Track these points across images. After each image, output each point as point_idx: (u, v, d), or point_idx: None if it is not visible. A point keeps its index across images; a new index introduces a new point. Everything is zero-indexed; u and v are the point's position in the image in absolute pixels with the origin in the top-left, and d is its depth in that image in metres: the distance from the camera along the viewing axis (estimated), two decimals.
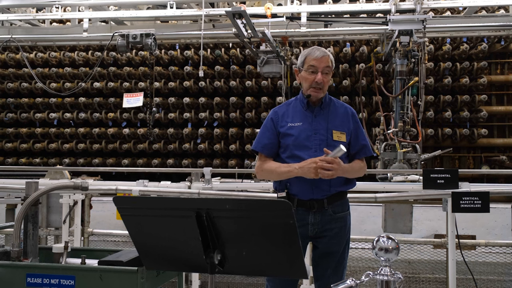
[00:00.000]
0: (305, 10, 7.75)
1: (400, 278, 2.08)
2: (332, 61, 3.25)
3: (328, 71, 3.21)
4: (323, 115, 3.23)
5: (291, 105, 3.31)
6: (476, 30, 8.20)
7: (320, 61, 3.19)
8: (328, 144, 3.11)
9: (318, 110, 3.24)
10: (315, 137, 3.16)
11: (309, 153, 3.12)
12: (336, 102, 3.34)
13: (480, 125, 9.56)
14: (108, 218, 6.31)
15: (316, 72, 3.18)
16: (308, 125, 3.19)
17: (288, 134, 3.20)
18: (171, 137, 10.17)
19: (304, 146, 3.16)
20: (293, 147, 3.18)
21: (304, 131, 3.17)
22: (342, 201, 3.24)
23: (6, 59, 10.54)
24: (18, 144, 10.70)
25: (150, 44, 7.39)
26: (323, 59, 3.19)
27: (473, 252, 5.53)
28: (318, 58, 3.19)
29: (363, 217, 6.91)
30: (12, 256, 2.78)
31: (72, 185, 3.06)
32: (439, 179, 4.59)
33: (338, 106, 3.30)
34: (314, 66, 3.19)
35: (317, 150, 3.13)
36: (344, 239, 3.25)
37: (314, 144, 3.15)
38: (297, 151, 3.17)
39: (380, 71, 9.19)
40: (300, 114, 3.25)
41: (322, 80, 3.17)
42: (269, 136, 3.26)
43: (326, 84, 3.22)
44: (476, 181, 8.41)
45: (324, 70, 3.18)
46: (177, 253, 2.34)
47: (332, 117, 3.23)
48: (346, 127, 3.22)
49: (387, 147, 7.11)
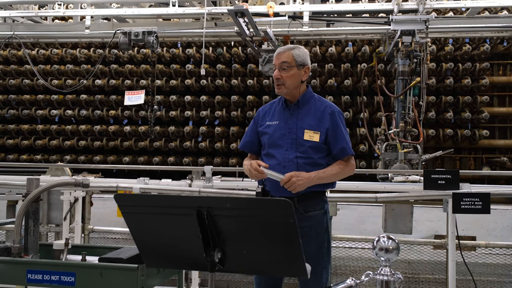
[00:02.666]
0: (307, 9, 7.74)
1: (400, 278, 2.08)
2: (295, 55, 3.18)
3: (286, 67, 3.16)
4: (299, 114, 3.21)
5: (275, 104, 3.34)
6: (478, 31, 8.19)
7: (277, 57, 3.21)
8: (298, 144, 3.12)
9: (294, 109, 3.23)
10: (288, 136, 3.16)
11: (281, 152, 3.15)
12: (319, 100, 3.30)
13: (482, 126, 9.55)
14: (108, 216, 6.31)
15: (275, 69, 3.22)
16: (283, 124, 3.20)
17: (265, 132, 3.25)
18: (172, 135, 10.17)
19: (277, 144, 3.18)
20: (268, 145, 3.23)
21: (279, 129, 3.19)
22: (316, 201, 3.19)
23: (8, 55, 10.54)
24: (20, 141, 10.71)
25: (152, 42, 7.39)
26: (280, 55, 3.19)
27: (473, 253, 5.53)
28: (276, 55, 3.22)
29: (364, 217, 6.92)
30: (13, 252, 2.79)
31: (73, 182, 3.06)
32: (440, 180, 4.58)
33: (318, 105, 3.26)
34: (274, 64, 3.23)
35: (288, 149, 3.15)
36: (316, 239, 3.17)
37: (286, 143, 3.16)
38: (271, 149, 3.21)
39: (382, 71, 9.18)
40: (279, 113, 3.26)
41: (279, 76, 3.16)
42: (250, 134, 3.36)
43: (288, 80, 3.17)
44: (477, 182, 8.40)
45: (281, 66, 3.17)
46: (177, 251, 2.35)
47: (307, 116, 3.20)
48: (322, 126, 3.18)
49: (388, 147, 7.11)
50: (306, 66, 3.23)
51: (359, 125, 9.62)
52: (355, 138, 9.67)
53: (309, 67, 3.25)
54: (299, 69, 3.19)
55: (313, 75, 9.68)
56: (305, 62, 3.22)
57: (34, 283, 2.66)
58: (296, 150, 3.14)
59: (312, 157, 3.14)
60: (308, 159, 3.13)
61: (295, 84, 3.20)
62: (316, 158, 3.14)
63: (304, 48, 3.31)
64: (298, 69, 3.19)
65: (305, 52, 3.26)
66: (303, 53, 3.24)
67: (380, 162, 7.19)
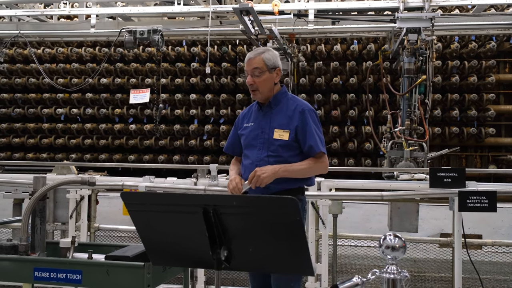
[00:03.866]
0: (312, 7, 7.72)
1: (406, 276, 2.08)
2: (266, 59, 3.20)
3: (258, 73, 3.18)
4: (270, 114, 3.25)
5: (253, 107, 3.40)
6: (484, 28, 8.15)
7: (248, 64, 3.23)
8: (270, 143, 3.17)
9: (267, 109, 3.27)
10: (261, 136, 3.22)
11: (254, 152, 3.22)
12: (291, 99, 3.30)
13: (488, 124, 9.52)
14: (114, 214, 6.32)
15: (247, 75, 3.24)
16: (257, 125, 3.27)
17: (242, 134, 3.34)
18: (177, 133, 10.18)
19: (251, 145, 3.25)
20: (244, 146, 3.32)
21: (253, 130, 3.26)
22: None
23: (14, 54, 10.59)
24: (26, 139, 10.76)
25: (157, 41, 7.41)
26: (251, 61, 3.21)
27: (479, 251, 5.51)
28: (247, 62, 3.24)
29: (369, 215, 6.91)
30: (20, 250, 2.79)
31: (80, 180, 3.06)
32: (446, 178, 4.56)
33: (290, 104, 3.26)
34: (246, 70, 3.26)
35: (261, 149, 3.21)
36: None
37: (259, 142, 3.22)
38: (246, 150, 3.30)
39: (387, 69, 9.16)
40: (254, 114, 3.33)
41: (252, 82, 3.19)
42: (232, 137, 3.46)
43: (261, 85, 3.20)
44: (483, 180, 8.36)
45: (253, 72, 3.19)
46: (183, 249, 2.35)
47: (278, 115, 3.23)
48: (291, 124, 3.18)
49: (393, 145, 7.09)
50: (277, 68, 3.24)
51: (365, 123, 9.60)
52: (360, 136, 9.66)
53: (281, 68, 3.28)
54: (271, 73, 3.21)
55: (319, 73, 9.67)
56: (276, 64, 3.24)
57: (41, 280, 2.66)
58: (268, 149, 3.19)
59: (282, 155, 3.16)
60: (278, 157, 3.15)
61: (269, 87, 3.23)
62: (286, 157, 3.15)
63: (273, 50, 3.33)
64: (270, 73, 3.21)
65: (275, 55, 3.27)
66: (274, 55, 3.25)
67: (386, 160, 7.17)
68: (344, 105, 9.72)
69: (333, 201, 4.89)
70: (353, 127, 9.61)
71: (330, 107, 9.75)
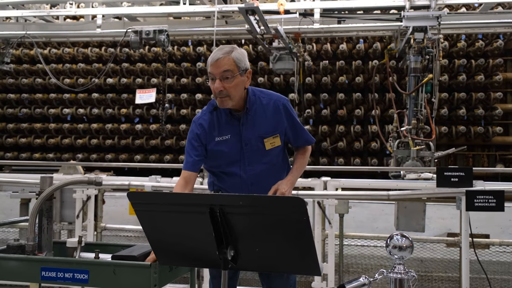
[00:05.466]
0: (318, 7, 7.71)
1: (414, 276, 2.06)
2: (237, 60, 2.74)
3: (229, 76, 2.72)
4: (250, 121, 2.85)
5: (213, 115, 2.90)
6: (491, 26, 8.10)
7: (216, 66, 2.73)
8: (261, 155, 2.87)
9: (244, 117, 2.85)
10: (247, 149, 2.84)
11: (242, 167, 2.88)
12: (263, 98, 2.91)
13: (495, 123, 9.46)
14: (120, 213, 6.34)
15: (214, 79, 2.75)
16: (237, 137, 2.85)
17: (219, 150, 2.88)
18: (183, 133, 10.18)
19: (236, 161, 2.87)
20: (226, 164, 2.90)
21: (234, 144, 2.83)
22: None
23: (20, 55, 10.63)
24: (32, 139, 10.80)
25: (163, 40, 7.41)
26: (219, 63, 2.71)
27: (487, 251, 5.48)
28: (213, 63, 2.73)
29: (375, 214, 6.89)
30: (27, 250, 2.80)
31: (87, 180, 3.06)
32: (453, 177, 4.54)
33: (265, 104, 2.88)
34: (211, 73, 2.76)
35: (250, 163, 2.88)
36: None
37: (247, 156, 2.87)
38: (230, 167, 2.90)
39: (393, 68, 9.13)
40: (226, 125, 2.87)
41: (222, 87, 2.72)
42: (198, 152, 2.91)
43: (233, 90, 2.74)
44: (490, 179, 8.23)
45: (223, 76, 2.72)
46: (190, 248, 2.35)
47: (261, 121, 2.86)
48: (279, 127, 2.89)
49: (400, 145, 7.07)
50: (248, 71, 2.82)
51: (371, 122, 9.58)
52: (366, 135, 9.64)
53: (251, 70, 2.85)
54: (242, 76, 2.77)
55: (324, 72, 9.66)
56: (247, 66, 2.81)
57: (48, 280, 2.67)
58: (260, 162, 2.90)
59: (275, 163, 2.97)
60: (272, 166, 2.95)
61: (240, 93, 2.79)
62: (276, 161, 2.98)
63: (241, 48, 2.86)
64: (241, 76, 2.76)
65: (244, 53, 2.83)
66: (243, 55, 2.81)
67: (392, 160, 7.15)
68: (350, 104, 9.70)
69: (339, 201, 4.88)
70: (359, 126, 9.59)
71: (336, 107, 9.74)
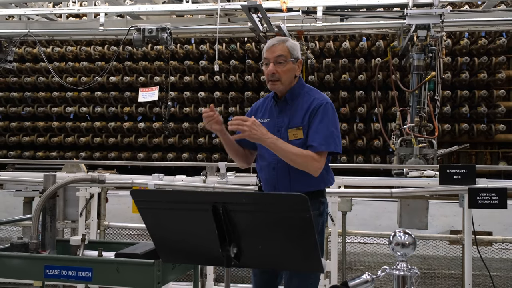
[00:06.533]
0: (321, 4, 7.70)
1: (416, 273, 2.07)
2: (290, 48, 2.95)
3: (282, 60, 2.92)
4: (287, 111, 2.99)
5: (267, 99, 3.13)
6: (495, 24, 8.09)
7: (271, 51, 2.95)
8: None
9: (283, 105, 3.01)
10: (278, 135, 2.90)
11: (270, 152, 2.89)
12: (308, 93, 3.01)
13: (498, 121, 9.44)
14: (123, 212, 6.35)
15: (268, 64, 2.95)
16: (273, 123, 3.00)
17: None
18: (186, 131, 10.20)
19: None
20: (259, 145, 2.99)
21: (268, 128, 2.90)
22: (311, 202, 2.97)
23: (23, 53, 10.65)
24: (35, 138, 10.82)
25: (165, 39, 7.41)
26: (274, 48, 2.95)
27: (490, 248, 5.48)
28: (269, 48, 2.97)
29: (378, 212, 6.88)
30: (31, 248, 2.81)
31: (90, 178, 3.08)
32: (455, 175, 4.53)
33: (306, 99, 2.98)
34: (266, 58, 2.97)
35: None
36: None
37: None
38: (261, 149, 3.02)
39: (396, 66, 9.11)
40: (269, 109, 3.07)
41: (274, 70, 2.92)
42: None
43: (284, 75, 2.93)
44: (493, 177, 8.28)
45: (277, 60, 2.92)
46: (193, 246, 2.35)
47: (295, 114, 2.97)
48: (304, 121, 2.93)
49: (403, 142, 7.07)
50: (299, 60, 3.02)
51: (374, 120, 9.57)
52: (369, 133, 9.63)
53: (301, 60, 3.04)
54: (294, 63, 2.97)
55: (327, 70, 9.65)
56: (299, 56, 3.01)
57: (52, 278, 2.68)
58: None
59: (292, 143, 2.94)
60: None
61: (290, 79, 2.98)
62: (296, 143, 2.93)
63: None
64: (293, 63, 2.96)
65: (296, 44, 3.04)
66: (297, 46, 3.03)
67: (395, 157, 7.15)
68: (353, 102, 9.69)
69: (342, 198, 4.89)
70: (362, 124, 9.58)
71: (339, 104, 9.72)
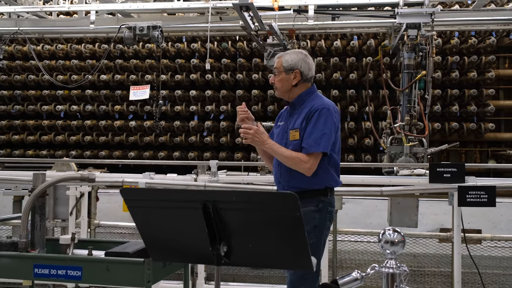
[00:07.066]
0: (312, 3, 7.70)
1: (405, 270, 2.08)
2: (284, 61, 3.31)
3: (277, 72, 3.34)
4: (294, 115, 3.33)
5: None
6: (484, 23, 8.14)
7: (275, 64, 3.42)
8: (287, 144, 3.25)
9: (292, 110, 3.37)
10: (284, 136, 3.32)
11: None
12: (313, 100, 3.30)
13: (487, 120, 9.51)
14: (114, 210, 6.34)
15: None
16: (284, 125, 3.38)
17: (273, 132, 3.47)
18: (177, 129, 10.18)
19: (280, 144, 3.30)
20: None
21: (281, 130, 3.37)
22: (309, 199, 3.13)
23: (13, 51, 10.57)
24: (25, 136, 10.75)
25: (157, 37, 7.38)
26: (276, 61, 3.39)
27: (479, 246, 5.53)
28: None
29: (369, 210, 6.91)
30: (20, 247, 2.80)
31: (79, 176, 3.07)
32: (445, 173, 4.57)
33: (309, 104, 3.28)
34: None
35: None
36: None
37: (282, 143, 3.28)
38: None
39: (387, 65, 9.15)
40: (286, 114, 3.45)
41: (273, 80, 3.39)
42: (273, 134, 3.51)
43: (278, 84, 3.34)
44: (482, 175, 8.37)
45: (274, 71, 3.39)
46: (183, 244, 2.36)
47: (298, 117, 3.29)
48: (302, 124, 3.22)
49: (393, 141, 7.10)
50: (295, 71, 3.29)
51: (365, 118, 9.60)
52: (360, 132, 9.66)
53: (299, 70, 3.29)
54: (287, 74, 3.30)
55: (318, 69, 9.66)
56: (295, 67, 3.29)
57: (41, 277, 2.67)
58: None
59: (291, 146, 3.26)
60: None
61: (285, 88, 3.33)
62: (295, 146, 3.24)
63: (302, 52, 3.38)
64: (286, 74, 3.30)
65: (297, 58, 3.31)
66: (294, 58, 3.31)
67: (386, 156, 7.18)
68: (344, 101, 9.72)
69: None
70: (353, 122, 9.61)
71: None
